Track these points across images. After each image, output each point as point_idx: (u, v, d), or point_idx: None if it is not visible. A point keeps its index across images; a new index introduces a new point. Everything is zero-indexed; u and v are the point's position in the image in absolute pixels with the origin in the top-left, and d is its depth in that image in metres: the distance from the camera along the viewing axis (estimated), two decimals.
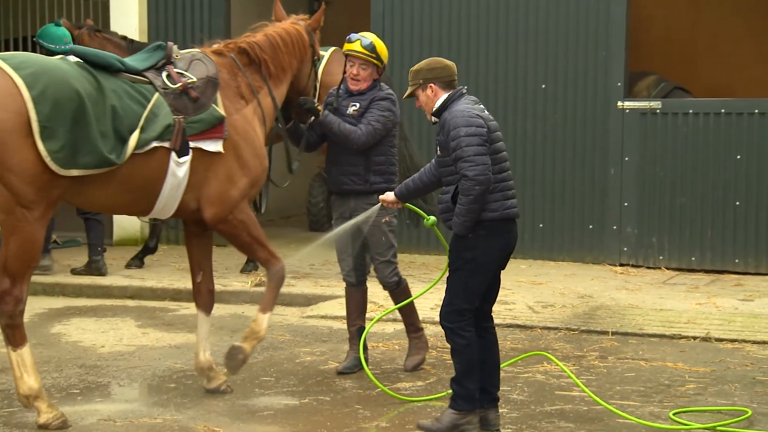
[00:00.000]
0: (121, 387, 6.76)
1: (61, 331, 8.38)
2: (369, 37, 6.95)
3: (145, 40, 12.21)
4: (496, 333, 6.01)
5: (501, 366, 6.09)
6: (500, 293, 9.37)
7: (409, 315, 7.18)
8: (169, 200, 6.15)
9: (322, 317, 8.78)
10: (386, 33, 11.46)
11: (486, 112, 5.87)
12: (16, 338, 5.77)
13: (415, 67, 5.97)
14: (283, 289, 6.66)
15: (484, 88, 11.46)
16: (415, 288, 7.33)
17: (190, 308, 9.23)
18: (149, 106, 5.97)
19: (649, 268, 10.95)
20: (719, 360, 7.47)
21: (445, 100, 5.84)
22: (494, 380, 5.90)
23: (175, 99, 6.11)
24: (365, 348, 6.91)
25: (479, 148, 5.63)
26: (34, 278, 9.76)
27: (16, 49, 11.93)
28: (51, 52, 9.90)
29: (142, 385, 6.79)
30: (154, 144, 5.95)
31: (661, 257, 10.98)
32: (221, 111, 6.27)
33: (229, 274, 10.37)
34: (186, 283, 9.86)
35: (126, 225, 12.23)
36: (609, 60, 11.08)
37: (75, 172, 5.67)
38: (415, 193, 6.19)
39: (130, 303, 9.55)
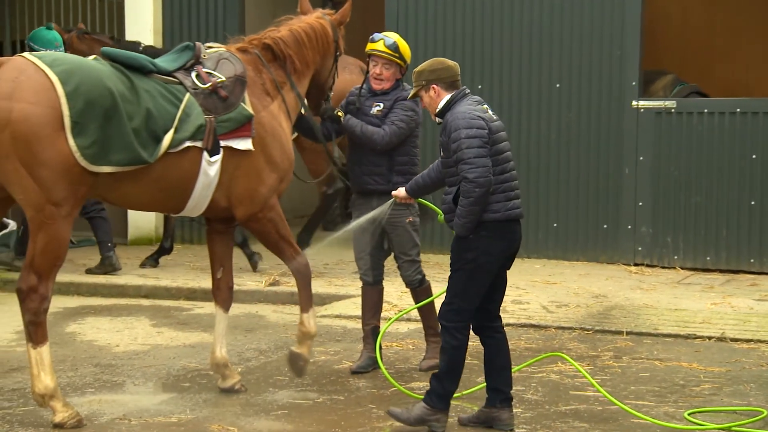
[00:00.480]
0: (135, 386, 6.78)
1: (76, 330, 8.41)
2: (392, 36, 6.95)
3: (160, 40, 12.25)
4: (504, 332, 5.99)
5: (517, 368, 6.08)
6: (515, 293, 9.46)
7: (428, 317, 7.16)
8: (200, 199, 6.21)
9: (336, 317, 8.78)
10: (400, 31, 11.38)
11: (490, 112, 5.86)
12: (38, 336, 5.79)
13: (418, 68, 5.97)
14: (296, 289, 6.67)
15: (498, 87, 11.45)
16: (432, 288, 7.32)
17: (204, 307, 9.26)
18: (182, 106, 6.03)
19: (663, 267, 10.91)
20: (734, 360, 7.44)
21: (448, 100, 5.84)
22: (505, 379, 5.90)
23: (206, 99, 6.17)
24: (380, 347, 6.91)
25: (480, 150, 5.63)
26: None
27: (31, 50, 11.96)
28: None
29: (156, 384, 6.81)
30: (187, 144, 6.02)
31: (675, 257, 10.94)
32: (249, 109, 6.32)
33: (243, 273, 10.38)
34: (200, 282, 9.90)
35: (141, 224, 12.26)
36: (624, 59, 11.04)
37: (106, 169, 5.73)
38: (425, 189, 6.23)
39: (145, 302, 9.58)
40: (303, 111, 6.81)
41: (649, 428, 5.93)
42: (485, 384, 5.96)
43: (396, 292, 8.89)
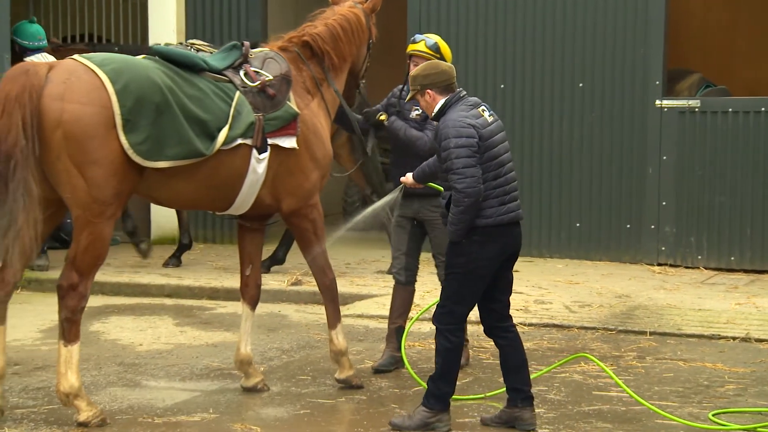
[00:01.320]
0: (158, 385, 6.80)
1: (99, 329, 8.44)
2: (433, 38, 6.96)
3: (183, 39, 12.27)
4: (516, 332, 5.97)
5: (543, 372, 6.08)
6: (537, 292, 9.44)
7: None
8: (247, 196, 6.28)
9: (358, 316, 8.78)
10: (422, 30, 11.43)
11: (486, 114, 5.80)
12: (71, 334, 5.84)
13: (413, 72, 5.97)
14: (324, 304, 6.70)
15: (520, 86, 11.43)
16: None
17: (227, 307, 9.29)
18: (233, 103, 6.12)
19: (687, 267, 10.87)
20: (759, 360, 7.40)
21: (442, 105, 5.83)
22: (523, 378, 5.89)
23: (254, 97, 6.25)
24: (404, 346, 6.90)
25: (468, 160, 5.62)
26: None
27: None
28: (24, 49, 10.04)
29: (179, 383, 6.83)
30: (239, 141, 6.10)
31: (699, 257, 10.89)
32: (295, 107, 6.40)
33: (266, 273, 10.39)
34: (223, 281, 9.93)
35: (163, 223, 12.31)
36: (647, 58, 11.00)
37: (162, 164, 5.81)
38: (431, 176, 6.22)
39: (168, 301, 9.61)
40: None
41: (673, 429, 5.90)
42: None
43: (418, 292, 8.88)
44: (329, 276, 6.65)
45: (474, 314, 8.27)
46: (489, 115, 5.82)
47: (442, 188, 6.42)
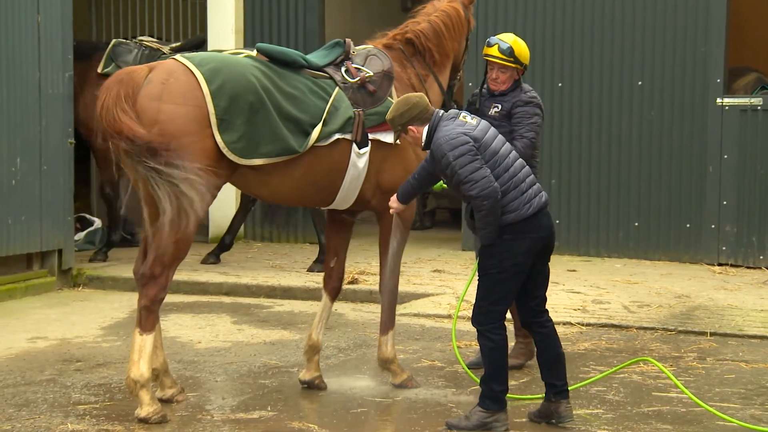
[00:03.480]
0: (217, 382, 6.86)
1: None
2: (507, 40, 6.92)
3: (241, 39, 12.41)
4: (552, 326, 5.95)
5: (604, 374, 6.18)
6: (595, 292, 9.36)
7: (514, 318, 7.09)
8: (349, 191, 6.38)
9: (415, 315, 8.78)
10: (479, 31, 11.40)
11: (468, 119, 5.82)
12: (147, 323, 5.96)
13: (388, 115, 5.95)
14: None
15: (578, 85, 11.35)
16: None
17: (284, 305, 9.34)
18: (330, 100, 6.24)
19: (748, 267, 10.71)
20: None
21: (428, 132, 5.83)
22: (557, 373, 5.88)
23: (354, 93, 6.38)
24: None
25: (472, 165, 5.62)
26: (132, 274, 9.97)
27: None
28: None
29: (238, 381, 6.88)
30: (337, 136, 6.22)
31: (761, 256, 10.74)
32: None
33: (322, 272, 10.42)
34: (280, 280, 9.99)
35: (220, 222, 12.37)
36: (708, 56, 10.86)
37: (257, 161, 5.98)
38: (413, 194, 6.12)
39: (226, 299, 9.69)
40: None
41: (734, 431, 5.82)
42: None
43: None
44: (395, 279, 6.66)
45: None
46: (471, 119, 5.87)
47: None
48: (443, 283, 9.82)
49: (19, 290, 9.57)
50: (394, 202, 6.13)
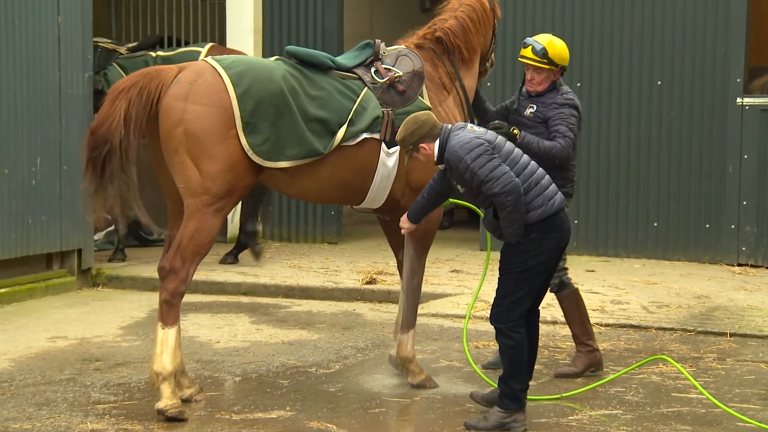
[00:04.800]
0: (235, 382, 6.87)
1: None
2: (542, 41, 6.87)
3: (260, 39, 12.44)
4: (537, 325, 6.02)
5: (622, 372, 6.24)
6: (614, 292, 9.34)
7: (571, 326, 7.05)
8: (379, 190, 6.43)
9: (433, 315, 8.77)
10: (498, 30, 11.37)
11: (475, 128, 5.86)
12: (169, 317, 6.04)
13: (398, 137, 5.95)
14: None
15: (597, 84, 11.31)
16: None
17: (302, 305, 9.35)
18: (358, 100, 6.30)
19: None
20: None
21: (439, 147, 5.84)
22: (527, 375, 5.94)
23: (383, 93, 6.43)
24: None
25: (490, 163, 5.65)
26: (151, 274, 10.02)
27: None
28: None
29: (256, 381, 6.89)
30: (364, 135, 6.28)
31: None
32: (427, 102, 6.53)
33: (341, 272, 10.45)
34: (298, 280, 10.00)
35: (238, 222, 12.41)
36: (728, 55, 10.81)
37: (283, 164, 6.07)
38: (424, 212, 6.11)
39: (244, 299, 9.70)
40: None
41: None
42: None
43: (493, 291, 8.83)
44: (418, 279, 6.68)
45: (551, 314, 8.22)
46: (477, 127, 5.92)
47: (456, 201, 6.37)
48: (461, 283, 9.81)
49: (39, 290, 9.62)
50: (405, 222, 6.14)
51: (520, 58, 6.94)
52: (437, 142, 5.85)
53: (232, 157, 5.95)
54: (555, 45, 6.87)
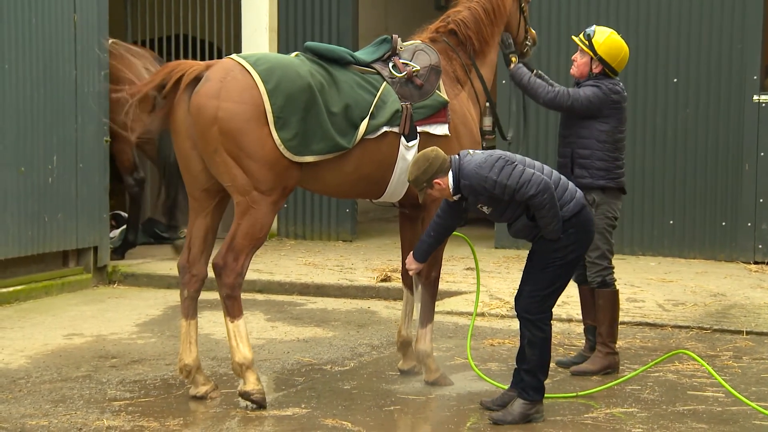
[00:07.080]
0: None
1: None
2: (598, 29, 6.95)
3: (275, 37, 12.45)
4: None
5: (641, 370, 6.30)
6: (629, 290, 9.31)
7: (600, 326, 6.99)
8: (399, 183, 6.47)
9: (448, 313, 8.77)
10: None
11: (478, 152, 5.94)
12: (234, 309, 6.18)
13: (410, 177, 5.92)
14: (421, 300, 6.72)
15: None
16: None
17: (317, 303, 9.36)
18: (378, 94, 6.36)
19: None
20: None
21: (454, 179, 5.85)
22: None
23: (402, 87, 6.49)
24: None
25: (516, 171, 5.72)
26: (167, 271, 10.04)
27: (152, 48, 12.26)
28: None
29: (271, 378, 6.90)
30: (385, 129, 6.34)
31: None
32: (445, 96, 6.58)
33: (356, 269, 10.46)
34: (313, 277, 10.01)
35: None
36: (744, 52, 10.76)
37: (309, 159, 6.11)
38: (431, 251, 6.13)
39: (259, 297, 9.72)
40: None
41: None
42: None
43: (508, 289, 8.83)
44: (436, 272, 6.71)
45: (566, 312, 8.20)
46: (487, 152, 5.99)
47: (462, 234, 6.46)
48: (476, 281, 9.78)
49: (55, 287, 9.66)
50: (411, 263, 6.15)
51: (573, 37, 7.06)
52: (450, 174, 5.86)
53: (269, 154, 6.00)
54: (604, 36, 6.91)
